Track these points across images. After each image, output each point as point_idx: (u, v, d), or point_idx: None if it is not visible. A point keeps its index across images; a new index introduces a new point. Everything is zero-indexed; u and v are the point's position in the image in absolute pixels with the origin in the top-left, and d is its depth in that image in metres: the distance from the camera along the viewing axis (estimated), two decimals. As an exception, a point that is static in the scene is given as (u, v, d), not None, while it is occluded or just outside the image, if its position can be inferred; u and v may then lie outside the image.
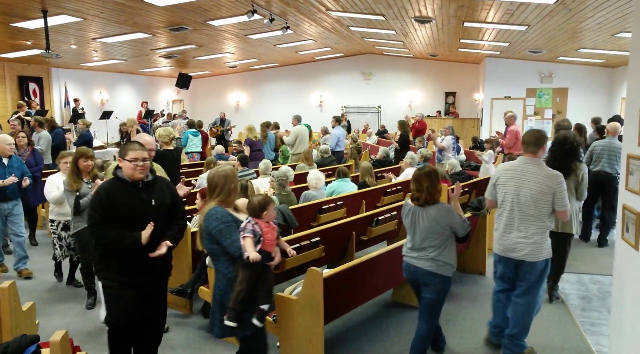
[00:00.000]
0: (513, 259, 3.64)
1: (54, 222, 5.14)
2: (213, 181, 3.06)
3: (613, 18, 7.69)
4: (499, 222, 3.73)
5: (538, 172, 3.55)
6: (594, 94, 14.51)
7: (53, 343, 2.50)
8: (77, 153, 4.80)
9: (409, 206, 3.53)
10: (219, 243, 2.92)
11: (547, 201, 3.50)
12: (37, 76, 14.55)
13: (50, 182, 5.18)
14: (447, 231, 3.43)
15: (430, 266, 3.42)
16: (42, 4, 8.00)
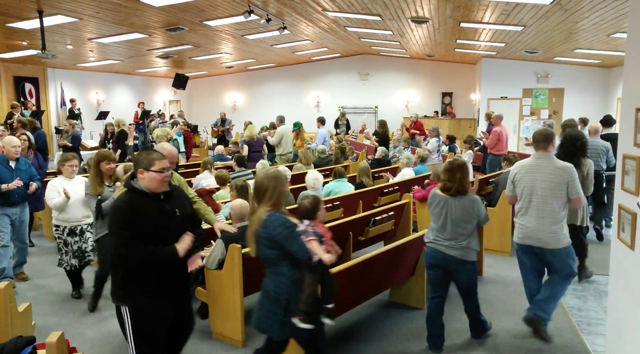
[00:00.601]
0: (532, 246, 3.98)
1: (58, 228, 4.93)
2: (263, 185, 2.93)
3: (609, 18, 7.72)
4: (520, 215, 4.05)
5: (550, 166, 3.88)
6: (590, 95, 14.56)
7: (49, 344, 2.50)
8: (98, 156, 4.59)
9: (440, 196, 3.78)
10: (279, 248, 2.85)
11: (562, 191, 3.82)
12: (33, 77, 14.50)
13: (51, 187, 4.95)
14: (475, 221, 3.74)
15: (461, 254, 3.72)
16: (38, 4, 7.97)
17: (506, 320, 4.53)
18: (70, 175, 5.03)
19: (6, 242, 5.14)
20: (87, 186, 4.50)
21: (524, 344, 4.09)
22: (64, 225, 4.90)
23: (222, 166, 8.39)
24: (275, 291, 2.89)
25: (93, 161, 4.53)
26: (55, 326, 4.44)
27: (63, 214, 4.88)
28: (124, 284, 2.89)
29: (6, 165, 5.16)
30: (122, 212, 2.81)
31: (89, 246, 4.96)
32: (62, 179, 5.00)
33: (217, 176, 6.32)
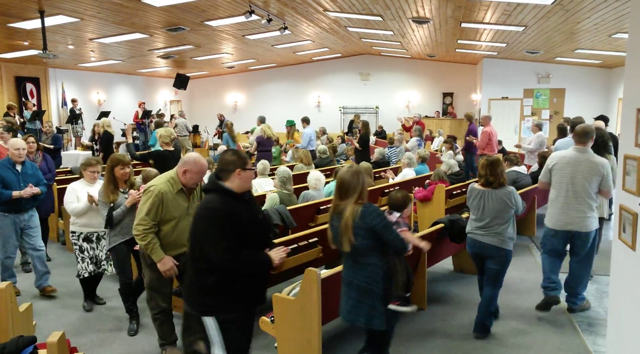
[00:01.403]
0: (570, 231, 4.36)
1: (74, 234, 4.68)
2: (348, 181, 2.98)
3: (610, 19, 7.71)
4: (556, 202, 4.41)
5: (589, 159, 4.29)
6: (591, 95, 14.55)
7: (50, 344, 2.50)
8: (112, 161, 4.27)
9: (477, 189, 4.12)
10: (374, 238, 2.92)
11: (596, 182, 4.25)
12: (34, 77, 14.50)
13: (71, 191, 4.67)
14: (512, 210, 4.02)
15: (495, 241, 4.01)
16: (39, 4, 7.98)
17: (506, 320, 4.53)
18: (92, 181, 4.76)
19: (9, 253, 4.92)
20: (99, 193, 4.23)
21: (524, 343, 4.08)
22: (80, 231, 4.68)
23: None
24: (367, 282, 2.96)
25: (107, 166, 4.25)
26: (56, 326, 4.44)
27: (81, 219, 4.66)
28: (215, 292, 2.70)
29: (12, 169, 4.91)
30: (221, 215, 2.62)
31: (104, 255, 4.73)
32: (82, 184, 4.75)
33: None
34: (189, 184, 3.46)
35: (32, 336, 2.82)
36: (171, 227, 3.46)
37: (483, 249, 4.08)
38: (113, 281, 5.16)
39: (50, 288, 5.18)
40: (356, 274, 3.00)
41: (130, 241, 4.09)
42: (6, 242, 4.88)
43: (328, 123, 16.25)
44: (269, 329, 3.78)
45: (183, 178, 3.40)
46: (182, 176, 3.40)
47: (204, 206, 2.76)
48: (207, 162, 7.57)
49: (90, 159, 4.88)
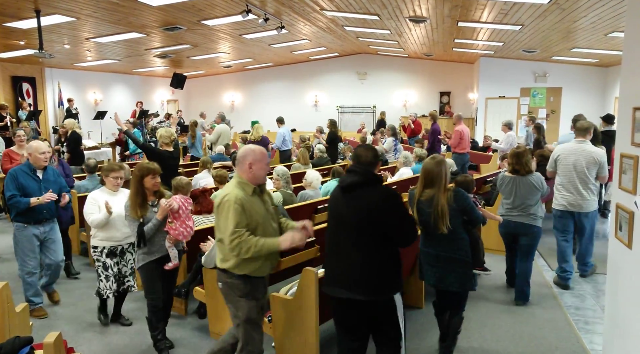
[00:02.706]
0: (574, 211, 5.12)
1: (96, 249, 4.22)
2: (434, 171, 3.47)
3: (606, 18, 7.73)
4: (561, 187, 5.16)
5: (588, 149, 5.05)
6: (588, 94, 14.58)
7: (47, 344, 2.49)
8: (142, 170, 3.75)
9: (508, 177, 4.80)
10: (464, 216, 3.51)
11: (595, 169, 5.01)
12: (31, 76, 14.46)
13: (91, 200, 4.21)
14: (539, 193, 4.68)
15: (528, 220, 4.68)
16: (35, 3, 7.95)
17: (505, 319, 4.54)
18: (114, 188, 4.30)
19: (32, 268, 4.49)
20: (126, 207, 3.76)
21: (520, 342, 4.09)
22: (102, 245, 4.22)
23: (220, 166, 8.38)
24: (459, 253, 3.49)
25: (134, 177, 3.74)
26: (52, 326, 4.42)
27: (103, 232, 4.20)
28: (397, 270, 2.96)
29: (33, 175, 4.45)
30: (401, 199, 2.97)
31: (129, 270, 4.33)
32: (104, 192, 4.30)
33: (215, 176, 6.30)
34: (259, 178, 3.07)
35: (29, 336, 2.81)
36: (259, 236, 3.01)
37: (518, 228, 4.75)
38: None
39: (57, 296, 4.91)
40: (447, 248, 3.49)
41: (161, 259, 3.80)
42: (26, 255, 4.45)
43: (325, 122, 16.21)
44: (267, 328, 3.77)
45: (250, 174, 3.02)
46: (248, 173, 3.02)
47: (385, 194, 2.88)
48: (205, 161, 7.58)
49: (112, 163, 4.42)
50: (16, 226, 4.45)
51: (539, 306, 4.81)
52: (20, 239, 4.43)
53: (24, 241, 4.43)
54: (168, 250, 3.80)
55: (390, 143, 10.48)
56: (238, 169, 3.09)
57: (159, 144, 6.34)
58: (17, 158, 6.18)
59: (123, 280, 4.34)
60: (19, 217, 4.39)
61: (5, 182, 4.39)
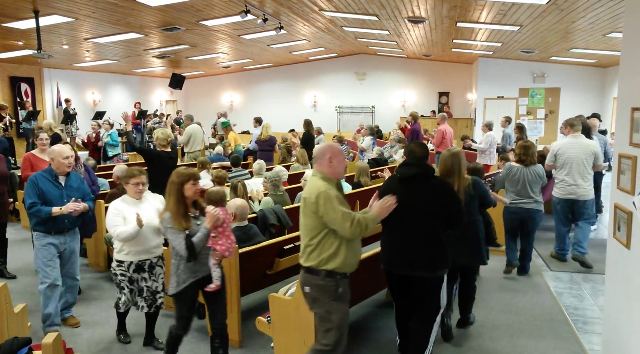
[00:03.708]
0: (571, 199, 5.68)
1: (122, 264, 3.80)
2: (450, 162, 3.82)
3: (604, 18, 7.75)
4: (563, 177, 5.71)
5: (584, 142, 5.71)
6: (586, 94, 14.60)
7: (45, 345, 2.49)
8: (181, 175, 3.34)
9: (515, 166, 5.44)
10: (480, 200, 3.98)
11: (591, 160, 5.61)
12: (29, 77, 14.44)
13: (114, 211, 3.76)
14: (542, 182, 5.39)
15: (535, 206, 5.39)
16: (34, 4, 7.94)
17: (503, 319, 4.54)
18: (137, 195, 3.85)
19: (54, 280, 4.10)
20: (166, 220, 3.30)
21: (519, 342, 4.10)
22: (129, 260, 3.78)
23: (219, 166, 8.38)
24: (480, 233, 3.98)
25: (173, 184, 3.34)
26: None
27: (130, 246, 3.77)
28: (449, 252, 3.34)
29: (54, 181, 4.12)
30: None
31: (160, 285, 3.92)
32: (126, 201, 3.85)
33: (215, 177, 6.30)
34: (340, 172, 3.12)
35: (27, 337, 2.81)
36: None
37: (523, 213, 5.40)
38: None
39: (74, 320, 4.43)
40: (467, 229, 3.77)
41: (202, 280, 3.38)
42: (47, 265, 4.07)
43: (324, 123, 16.24)
44: (266, 329, 3.78)
45: (331, 168, 3.05)
46: (329, 167, 3.04)
47: (441, 183, 3.42)
48: (204, 162, 7.57)
49: (132, 169, 3.93)
50: (36, 236, 4.11)
51: (538, 306, 4.81)
52: (40, 249, 4.08)
53: (44, 251, 4.07)
54: (211, 269, 3.40)
55: (368, 142, 10.65)
56: (317, 165, 3.09)
57: (156, 145, 6.32)
58: (39, 164, 5.56)
59: (154, 297, 3.88)
60: (39, 226, 4.05)
61: (25, 189, 4.06)
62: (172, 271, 3.35)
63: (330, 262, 2.92)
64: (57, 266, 4.13)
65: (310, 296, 3.00)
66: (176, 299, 3.38)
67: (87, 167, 5.41)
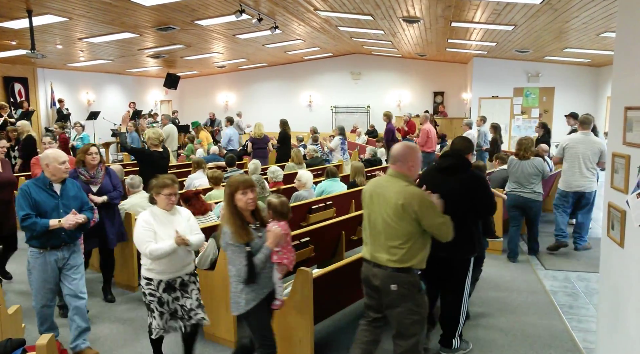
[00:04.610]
0: (578, 192, 6.12)
1: (151, 282, 3.40)
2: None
3: (598, 18, 7.78)
4: (568, 171, 6.12)
5: (593, 140, 6.07)
6: (580, 93, 14.67)
7: (39, 346, 2.48)
8: (230, 185, 3.06)
9: (515, 160, 5.98)
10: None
11: (597, 156, 5.99)
12: (23, 77, 14.37)
13: (144, 225, 3.36)
14: (541, 174, 5.87)
15: (532, 196, 5.90)
16: (27, 3, 7.90)
17: (499, 319, 4.56)
18: (169, 207, 3.47)
19: (48, 300, 3.80)
20: (227, 234, 2.98)
21: (514, 340, 4.11)
22: (159, 278, 3.40)
23: (214, 166, 8.36)
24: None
25: (225, 195, 3.08)
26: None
27: (159, 264, 3.38)
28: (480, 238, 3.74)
29: (49, 190, 3.71)
30: None
31: (195, 301, 3.50)
32: (155, 213, 3.45)
33: (210, 176, 6.30)
34: (417, 173, 3.24)
35: (21, 338, 2.80)
36: None
37: (525, 202, 5.91)
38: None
39: (92, 351, 3.85)
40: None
41: (268, 296, 3.15)
42: (42, 287, 3.73)
43: (319, 123, 16.25)
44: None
45: (411, 170, 3.14)
46: (409, 170, 3.13)
47: (474, 176, 3.66)
48: (199, 162, 7.55)
49: (164, 178, 3.49)
50: (30, 252, 3.72)
51: (533, 305, 4.83)
52: (36, 267, 3.70)
53: (39, 270, 3.69)
54: (276, 285, 3.19)
55: (337, 142, 10.76)
56: (398, 167, 3.13)
57: (147, 145, 6.30)
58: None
59: (189, 315, 3.48)
60: (34, 241, 3.66)
61: (17, 200, 3.63)
62: (233, 291, 3.04)
63: (415, 260, 3.06)
64: (53, 288, 3.77)
65: (399, 293, 3.06)
66: (250, 318, 3.06)
67: (109, 170, 5.00)
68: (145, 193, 5.66)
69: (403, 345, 3.14)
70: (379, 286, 3.09)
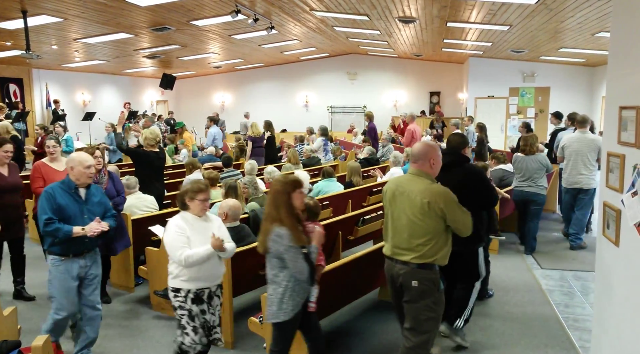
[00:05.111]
0: (576, 188, 6.33)
1: (179, 292, 3.21)
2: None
3: (593, 18, 7.82)
4: (568, 168, 6.37)
5: (589, 137, 6.28)
6: (575, 93, 14.73)
7: (35, 347, 2.47)
8: (286, 184, 2.98)
9: (520, 156, 6.22)
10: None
11: (595, 153, 6.18)
12: (18, 77, 14.32)
13: (177, 230, 3.20)
14: (545, 169, 6.13)
15: (537, 190, 6.13)
16: (22, 4, 7.87)
17: (493, 316, 4.56)
18: (202, 212, 3.32)
19: (69, 312, 3.53)
20: (284, 236, 2.87)
21: (510, 339, 4.12)
22: (188, 287, 3.20)
23: (210, 167, 8.35)
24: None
25: (280, 194, 2.97)
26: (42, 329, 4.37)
27: (190, 271, 3.18)
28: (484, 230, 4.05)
29: (74, 195, 3.51)
30: None
31: (217, 319, 3.37)
32: (186, 219, 3.27)
33: (206, 177, 6.28)
34: (438, 171, 3.28)
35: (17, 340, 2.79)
36: None
37: (528, 196, 6.15)
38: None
39: None
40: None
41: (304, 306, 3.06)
42: (63, 297, 3.48)
43: (316, 123, 16.25)
44: (258, 329, 3.77)
45: (432, 168, 3.22)
46: (430, 168, 3.20)
47: (473, 170, 3.93)
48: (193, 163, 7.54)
49: (198, 182, 3.37)
50: (51, 260, 3.50)
51: (529, 304, 4.85)
52: (57, 276, 3.48)
53: (61, 279, 3.48)
54: (312, 287, 3.13)
55: (319, 143, 10.85)
56: (419, 165, 3.19)
57: (144, 145, 6.29)
58: (50, 174, 4.94)
59: (210, 333, 3.33)
60: (55, 247, 3.46)
61: (40, 203, 3.43)
62: (276, 298, 2.95)
63: (438, 255, 3.11)
64: (76, 298, 3.54)
65: (419, 289, 3.09)
66: (281, 328, 3.00)
67: (112, 175, 4.85)
68: (141, 194, 5.65)
69: (414, 340, 3.15)
70: (402, 282, 3.13)
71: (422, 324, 3.13)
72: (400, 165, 8.17)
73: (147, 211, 5.50)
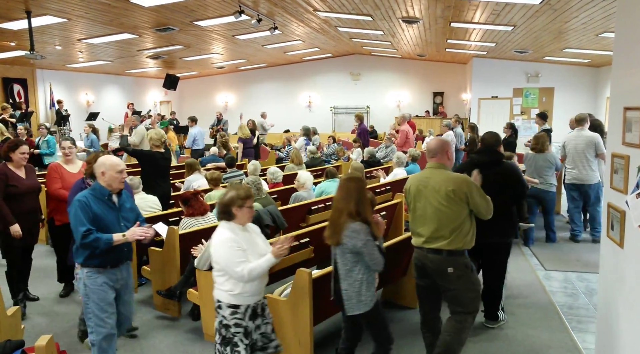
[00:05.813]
0: (579, 184, 6.61)
1: (238, 309, 2.94)
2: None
3: (597, 18, 7.79)
4: (569, 165, 6.67)
5: (585, 134, 6.58)
6: (580, 94, 14.68)
7: (38, 347, 2.47)
8: (360, 179, 3.05)
9: (530, 154, 6.64)
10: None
11: (592, 149, 6.48)
12: (22, 78, 14.36)
13: (232, 244, 2.90)
14: (554, 166, 6.50)
15: (545, 187, 6.51)
16: (26, 4, 7.90)
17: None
18: (250, 220, 3.12)
19: (111, 328, 3.27)
20: (362, 231, 2.94)
21: (514, 340, 4.11)
22: (247, 303, 2.97)
23: (213, 167, 8.36)
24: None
25: (355, 190, 3.00)
26: (45, 329, 4.39)
27: (251, 285, 2.95)
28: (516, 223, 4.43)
29: (108, 202, 3.29)
30: None
31: (271, 326, 3.19)
32: (233, 230, 2.97)
33: (209, 177, 6.29)
34: (453, 163, 3.71)
35: (20, 339, 2.80)
36: None
37: (537, 193, 6.50)
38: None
39: None
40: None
41: None
42: (104, 311, 3.23)
43: (319, 123, 16.26)
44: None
45: (449, 161, 3.52)
46: (448, 161, 3.50)
47: (509, 167, 4.23)
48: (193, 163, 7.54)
49: (246, 188, 3.11)
50: (87, 273, 3.22)
51: (533, 306, 4.83)
52: (95, 291, 3.21)
53: (100, 292, 3.21)
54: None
55: (301, 142, 10.96)
56: (437, 159, 3.44)
57: (149, 146, 6.30)
58: (65, 177, 4.81)
59: (269, 343, 3.14)
60: (92, 260, 3.20)
61: (74, 214, 3.15)
62: (354, 292, 3.03)
63: (466, 239, 3.35)
64: (115, 312, 3.30)
65: (455, 275, 3.33)
66: (368, 317, 3.11)
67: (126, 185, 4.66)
68: (145, 194, 5.66)
69: (465, 324, 3.38)
70: (435, 270, 3.35)
71: (469, 305, 3.39)
72: (404, 166, 8.16)
73: (150, 212, 5.51)
